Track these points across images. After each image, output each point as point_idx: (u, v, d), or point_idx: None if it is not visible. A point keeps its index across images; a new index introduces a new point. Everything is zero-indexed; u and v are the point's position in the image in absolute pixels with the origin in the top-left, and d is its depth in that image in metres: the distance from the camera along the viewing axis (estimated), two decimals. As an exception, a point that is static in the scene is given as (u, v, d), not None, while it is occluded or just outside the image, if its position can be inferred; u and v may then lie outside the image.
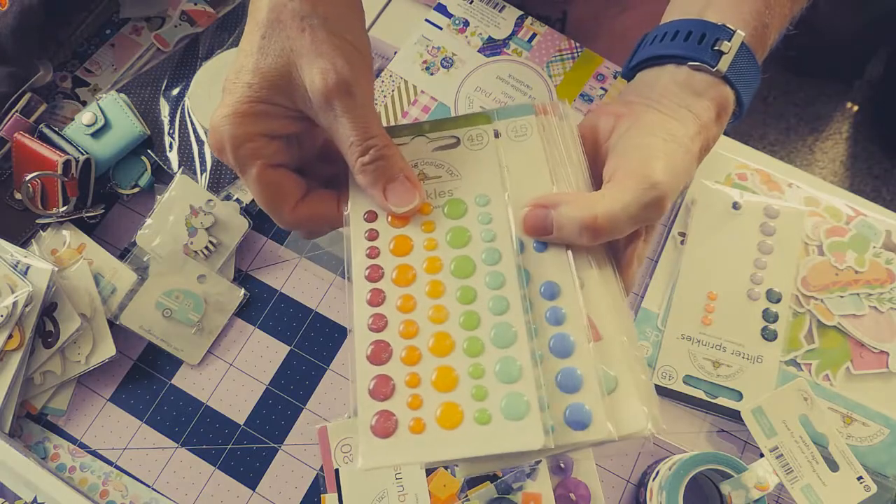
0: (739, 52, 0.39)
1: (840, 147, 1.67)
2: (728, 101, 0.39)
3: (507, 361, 0.32)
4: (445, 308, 0.34)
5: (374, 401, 0.33)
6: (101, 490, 0.53)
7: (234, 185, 0.60)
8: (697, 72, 0.39)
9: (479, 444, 0.31)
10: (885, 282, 0.58)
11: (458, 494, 0.49)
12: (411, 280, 0.35)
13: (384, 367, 0.33)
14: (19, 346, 0.53)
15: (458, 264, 0.35)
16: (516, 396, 0.32)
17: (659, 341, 0.56)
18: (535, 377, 0.32)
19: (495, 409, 0.32)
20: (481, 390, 0.32)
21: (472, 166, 0.38)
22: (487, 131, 0.38)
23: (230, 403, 0.55)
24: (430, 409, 0.32)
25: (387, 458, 0.32)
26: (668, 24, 0.41)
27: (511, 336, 0.33)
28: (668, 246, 0.59)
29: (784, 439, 0.48)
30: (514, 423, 0.31)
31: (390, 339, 0.34)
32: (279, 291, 0.58)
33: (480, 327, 0.33)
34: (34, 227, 0.58)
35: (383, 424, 0.32)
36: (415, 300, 0.34)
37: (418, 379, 0.33)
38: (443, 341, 0.33)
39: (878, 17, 1.53)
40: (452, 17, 0.62)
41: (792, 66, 1.70)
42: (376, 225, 0.37)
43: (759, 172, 0.62)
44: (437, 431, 0.32)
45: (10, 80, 0.59)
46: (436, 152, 0.38)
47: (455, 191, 0.37)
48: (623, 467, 0.54)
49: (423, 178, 0.38)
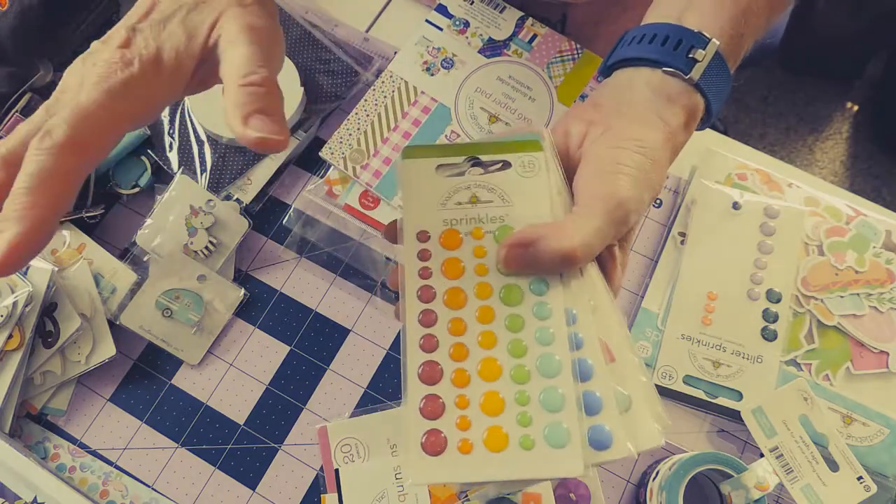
0: (713, 60, 0.39)
1: (840, 147, 1.67)
2: (698, 108, 0.40)
3: (551, 391, 0.34)
4: (494, 334, 0.35)
5: (425, 419, 0.34)
6: (101, 490, 0.53)
7: (234, 184, 0.60)
8: (671, 77, 0.39)
9: (523, 468, 0.33)
10: (885, 282, 0.58)
11: (458, 494, 0.49)
12: (462, 303, 0.36)
13: (435, 387, 0.34)
14: (19, 346, 0.53)
15: (507, 292, 0.36)
16: (558, 425, 0.33)
17: (659, 341, 0.56)
18: (576, 408, 0.33)
19: (538, 435, 0.33)
20: (526, 416, 0.33)
21: (524, 193, 0.38)
22: (539, 159, 0.39)
23: (230, 403, 0.55)
24: (477, 430, 0.33)
25: (435, 475, 0.33)
26: (647, 25, 0.42)
27: (556, 366, 0.34)
28: (668, 246, 0.59)
29: (784, 439, 0.48)
30: (556, 451, 0.33)
31: (441, 360, 0.35)
32: (279, 291, 0.58)
33: (527, 356, 0.35)
34: (34, 227, 0.58)
35: (433, 442, 0.33)
36: (465, 323, 0.35)
37: (467, 401, 0.34)
38: (491, 366, 0.34)
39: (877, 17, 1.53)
40: (453, 17, 0.62)
41: (792, 66, 1.70)
42: (428, 245, 0.37)
43: (759, 172, 0.62)
44: (483, 453, 0.33)
45: (10, 80, 0.59)
46: (487, 175, 0.39)
47: (506, 217, 0.37)
48: (623, 467, 0.54)
49: (476, 202, 0.38)
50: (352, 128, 0.59)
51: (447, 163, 0.38)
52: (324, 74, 0.64)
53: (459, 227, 0.37)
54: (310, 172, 0.62)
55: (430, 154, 0.39)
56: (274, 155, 0.61)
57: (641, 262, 0.60)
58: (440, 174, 0.38)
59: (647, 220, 0.62)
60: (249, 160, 0.61)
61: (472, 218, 0.37)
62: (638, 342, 0.56)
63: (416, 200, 0.38)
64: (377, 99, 0.60)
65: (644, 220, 0.61)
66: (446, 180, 0.38)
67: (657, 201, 0.62)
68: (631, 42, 0.41)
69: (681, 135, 0.39)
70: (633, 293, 0.59)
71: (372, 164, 0.58)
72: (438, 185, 0.38)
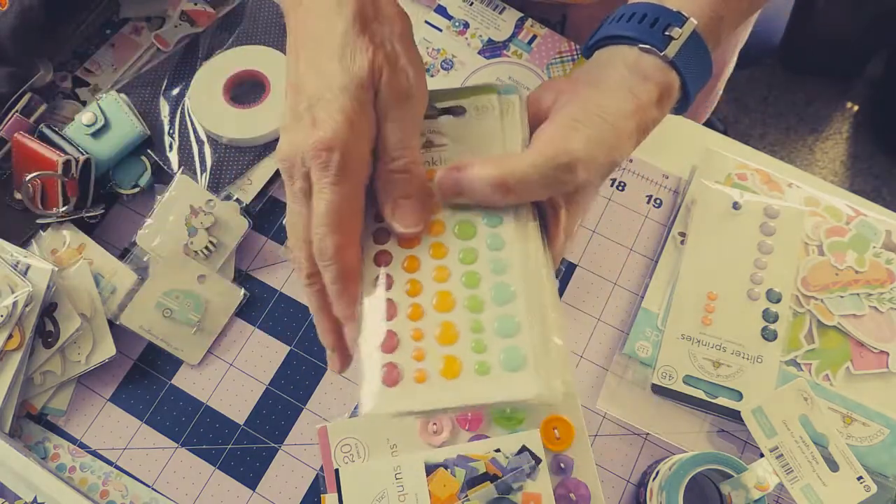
0: (690, 39, 0.40)
1: (840, 147, 1.67)
2: (673, 86, 0.40)
3: (506, 318, 0.35)
4: (448, 268, 0.36)
5: (383, 353, 0.35)
6: (101, 490, 0.53)
7: (234, 184, 0.60)
8: (646, 54, 0.40)
9: (479, 393, 0.33)
10: (885, 282, 0.58)
11: (458, 494, 0.49)
12: (417, 242, 0.37)
13: (391, 322, 0.35)
14: (19, 346, 0.53)
15: (461, 227, 0.37)
16: (514, 350, 0.34)
17: (659, 341, 0.56)
18: (531, 332, 0.34)
19: (495, 361, 0.34)
20: (481, 344, 0.34)
21: (476, 136, 0.39)
22: (493, 101, 0.40)
23: (230, 403, 0.55)
24: (432, 360, 0.34)
25: (391, 404, 0.34)
26: (629, 5, 0.42)
27: (510, 294, 0.35)
28: (668, 246, 0.59)
29: (784, 439, 0.48)
30: (513, 375, 0.34)
31: (396, 297, 0.36)
32: (279, 291, 0.58)
33: (481, 286, 0.36)
34: (34, 227, 0.58)
35: (389, 374, 0.34)
36: (419, 260, 0.36)
37: (422, 333, 0.35)
38: (445, 299, 0.35)
39: (877, 16, 1.53)
40: (452, 18, 0.62)
41: (792, 65, 1.70)
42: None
43: (759, 172, 0.62)
44: (439, 381, 0.34)
45: (10, 80, 0.59)
46: (440, 121, 0.40)
47: (460, 157, 0.38)
48: (623, 467, 0.54)
49: (431, 146, 0.39)
50: (352, 128, 0.59)
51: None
52: (324, 74, 0.64)
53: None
54: (310, 172, 0.62)
55: None
56: (274, 155, 0.61)
57: (641, 262, 0.60)
58: None
59: (646, 220, 0.62)
60: (249, 160, 0.61)
61: (425, 161, 0.38)
62: (638, 342, 0.56)
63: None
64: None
65: (644, 219, 0.61)
66: None
67: (657, 201, 0.62)
68: (611, 21, 0.42)
69: (652, 110, 0.40)
70: (633, 293, 0.59)
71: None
72: None
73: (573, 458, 0.52)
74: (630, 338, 0.57)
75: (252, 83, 0.63)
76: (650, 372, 0.55)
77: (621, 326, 0.58)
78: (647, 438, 0.55)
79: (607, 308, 0.59)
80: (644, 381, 0.56)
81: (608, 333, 0.58)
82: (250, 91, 0.63)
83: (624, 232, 0.61)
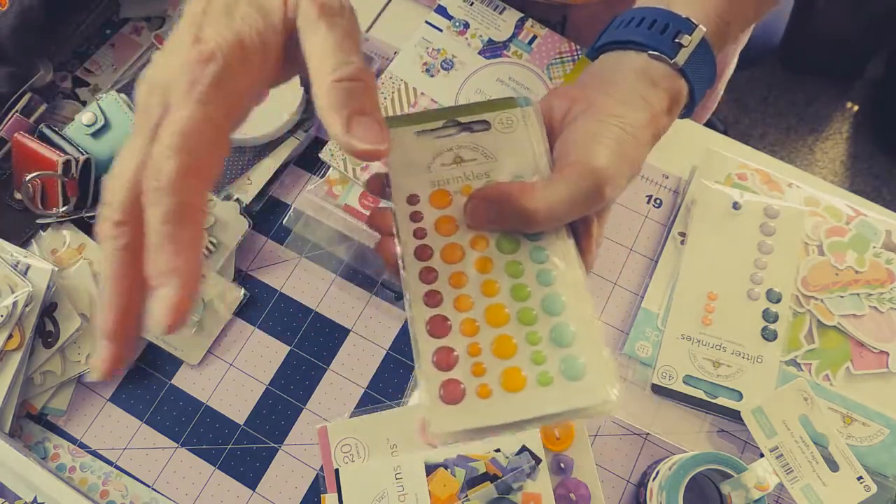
0: (698, 47, 0.40)
1: (840, 147, 1.67)
2: (681, 93, 0.40)
3: (561, 327, 0.35)
4: (495, 282, 0.36)
5: (440, 371, 0.34)
6: (101, 490, 0.53)
7: (234, 184, 0.60)
8: (656, 61, 0.39)
9: (545, 404, 0.33)
10: (885, 282, 0.58)
11: (458, 494, 0.49)
12: (460, 257, 0.37)
13: (445, 339, 0.35)
14: (19, 346, 0.53)
15: (503, 241, 0.37)
16: (573, 359, 0.34)
17: (659, 341, 0.56)
18: (589, 339, 0.34)
19: (555, 371, 0.34)
20: (540, 355, 0.34)
21: (506, 148, 0.39)
22: (516, 114, 0.40)
23: (230, 403, 0.55)
24: (493, 374, 0.34)
25: (458, 422, 0.33)
26: (636, 9, 0.42)
27: (560, 304, 0.35)
28: (668, 246, 0.59)
29: (784, 439, 0.48)
30: (576, 383, 0.33)
31: (447, 313, 0.36)
32: (279, 291, 0.59)
33: (531, 298, 0.36)
34: (34, 227, 0.58)
35: (451, 391, 0.34)
36: (465, 275, 0.36)
37: (479, 348, 0.35)
38: (497, 312, 0.35)
39: (877, 16, 1.53)
40: (452, 19, 0.62)
41: (792, 65, 1.70)
42: (419, 207, 0.38)
43: (759, 172, 0.62)
44: (503, 395, 0.33)
45: (10, 80, 0.59)
46: (467, 136, 0.39)
47: (491, 172, 0.38)
48: (623, 467, 0.54)
49: (461, 161, 0.39)
50: (352, 128, 0.59)
51: (427, 129, 0.39)
52: (324, 74, 0.64)
53: (448, 186, 0.38)
54: (310, 172, 0.62)
55: (410, 122, 0.39)
56: (274, 154, 0.61)
57: (641, 262, 0.60)
58: (421, 139, 0.39)
59: (647, 220, 0.62)
60: (249, 160, 0.61)
61: (458, 177, 0.38)
62: (638, 342, 0.56)
63: (401, 167, 0.38)
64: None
65: (644, 219, 0.61)
66: (428, 144, 0.39)
67: (657, 201, 0.62)
68: (619, 25, 0.42)
69: (663, 119, 0.40)
70: (633, 293, 0.59)
71: (372, 166, 0.58)
72: (421, 150, 0.39)
73: (573, 458, 0.52)
74: (630, 338, 0.57)
75: (252, 83, 0.63)
76: (650, 372, 0.55)
77: (621, 326, 0.58)
78: (647, 438, 0.55)
79: (607, 308, 0.59)
80: (644, 381, 0.56)
81: (608, 333, 0.58)
82: (250, 91, 0.63)
83: (624, 232, 0.61)
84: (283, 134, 0.61)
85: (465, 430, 0.33)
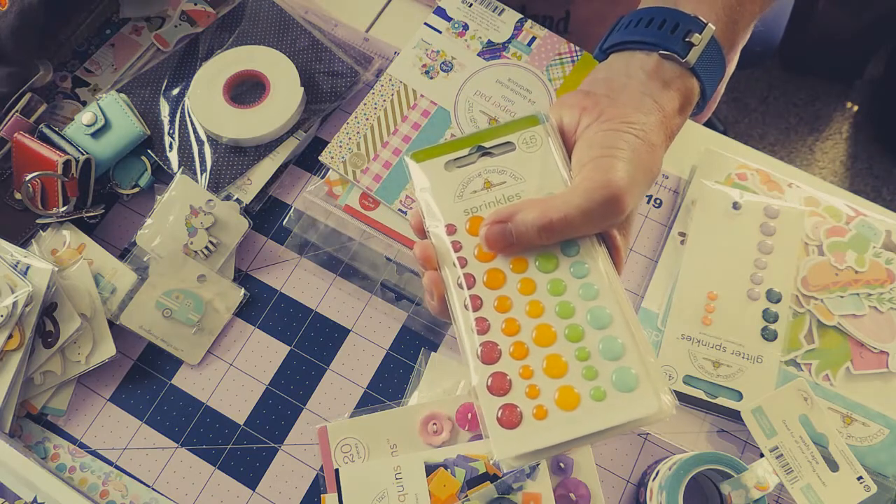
0: (708, 45, 0.39)
1: (840, 147, 1.67)
2: (693, 93, 0.40)
3: (609, 340, 0.35)
4: (540, 302, 0.37)
5: (495, 396, 0.35)
6: (101, 490, 0.53)
7: (234, 184, 0.60)
8: (667, 61, 0.39)
9: (601, 419, 0.34)
10: (885, 282, 0.58)
11: (458, 494, 0.49)
12: (503, 281, 0.37)
13: (497, 364, 0.36)
14: (19, 346, 0.53)
15: (543, 260, 0.37)
16: (625, 371, 0.34)
17: (659, 341, 0.56)
18: (638, 350, 0.35)
19: (608, 385, 0.34)
20: (591, 370, 0.35)
21: (533, 167, 0.40)
22: (539, 132, 0.40)
23: (230, 403, 0.55)
24: (547, 395, 0.35)
25: (519, 446, 0.34)
26: (643, 10, 0.42)
27: (607, 317, 0.36)
28: (668, 246, 0.59)
29: (784, 439, 0.48)
30: (629, 395, 0.34)
31: (496, 338, 0.36)
32: (279, 291, 0.59)
33: (577, 314, 0.36)
34: (34, 227, 0.58)
35: (508, 416, 0.34)
36: (510, 299, 0.37)
37: (531, 370, 0.35)
38: (545, 332, 0.36)
39: (878, 17, 1.53)
40: (452, 20, 0.62)
41: (792, 65, 1.70)
42: (457, 237, 0.39)
43: (759, 172, 0.62)
44: (559, 414, 0.34)
45: (10, 80, 0.59)
46: (493, 159, 0.40)
47: (522, 193, 0.39)
48: (623, 467, 0.54)
49: (490, 186, 0.39)
50: (351, 131, 0.59)
51: (454, 157, 0.40)
52: (324, 74, 0.64)
53: (482, 212, 0.38)
54: (310, 173, 0.62)
55: (436, 154, 0.40)
56: (274, 155, 0.61)
57: (641, 262, 0.60)
58: (449, 170, 0.39)
59: (646, 220, 0.62)
60: (249, 160, 0.61)
61: (489, 202, 0.39)
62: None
63: (434, 200, 0.39)
64: (376, 102, 0.60)
65: (644, 219, 0.61)
66: (457, 173, 0.39)
67: (657, 201, 0.62)
68: (627, 26, 0.41)
69: (675, 119, 0.40)
70: (633, 293, 0.59)
71: (372, 168, 0.58)
72: (450, 180, 0.39)
73: (573, 458, 0.52)
74: (630, 338, 0.57)
75: (252, 83, 0.63)
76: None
77: (621, 326, 0.58)
78: (647, 438, 0.55)
79: (607, 308, 0.59)
80: (644, 381, 0.56)
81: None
82: (250, 91, 0.63)
83: (624, 232, 0.61)
84: (283, 134, 0.61)
85: (526, 453, 0.34)
